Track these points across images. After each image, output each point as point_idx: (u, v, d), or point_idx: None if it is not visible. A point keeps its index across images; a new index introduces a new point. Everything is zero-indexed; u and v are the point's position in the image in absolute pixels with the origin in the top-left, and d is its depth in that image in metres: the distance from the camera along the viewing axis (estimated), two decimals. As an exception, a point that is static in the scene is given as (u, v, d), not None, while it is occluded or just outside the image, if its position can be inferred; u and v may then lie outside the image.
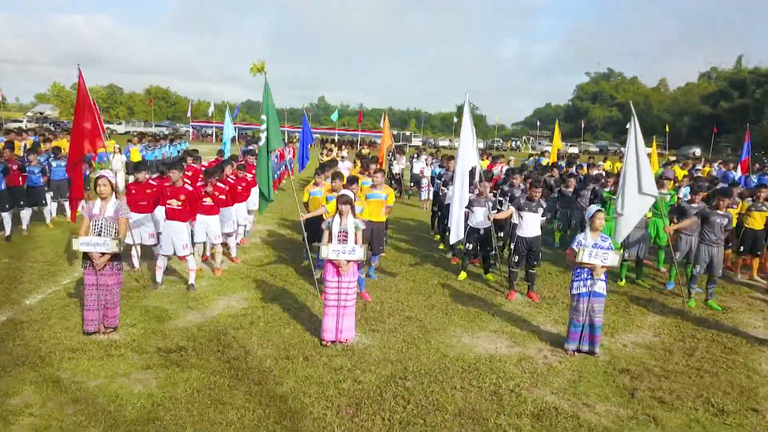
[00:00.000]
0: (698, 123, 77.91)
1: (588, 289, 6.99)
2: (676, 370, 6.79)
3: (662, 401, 5.97)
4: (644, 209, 9.37)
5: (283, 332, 7.27)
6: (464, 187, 8.74)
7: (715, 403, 5.98)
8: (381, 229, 9.71)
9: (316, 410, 5.39)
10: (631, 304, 9.27)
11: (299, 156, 20.28)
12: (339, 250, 6.79)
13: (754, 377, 6.70)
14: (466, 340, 7.40)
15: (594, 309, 7.00)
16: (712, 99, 78.26)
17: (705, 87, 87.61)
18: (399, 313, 8.19)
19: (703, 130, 71.68)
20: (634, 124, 9.15)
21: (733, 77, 78.95)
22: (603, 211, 7.18)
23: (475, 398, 5.81)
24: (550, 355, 7.08)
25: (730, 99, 75.76)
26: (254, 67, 8.04)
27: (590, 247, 6.99)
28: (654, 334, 7.98)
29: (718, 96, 77.50)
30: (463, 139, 8.79)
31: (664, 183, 11.42)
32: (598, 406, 5.82)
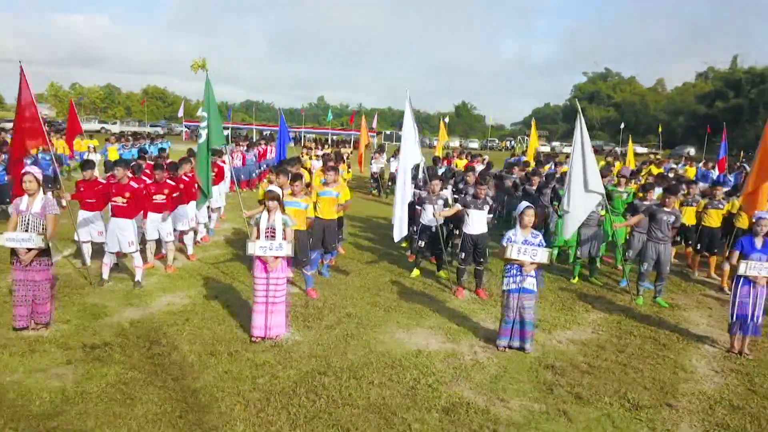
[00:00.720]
0: (693, 123, 77.80)
1: (518, 285, 7.01)
2: (603, 366, 6.80)
3: (579, 396, 5.98)
4: (590, 207, 9.39)
5: (215, 329, 7.29)
6: (406, 185, 8.76)
7: (631, 398, 6.00)
8: (333, 227, 9.72)
9: (225, 405, 5.42)
10: (579, 301, 9.29)
11: (277, 155, 20.30)
12: (266, 247, 6.81)
13: (680, 373, 6.71)
14: (399, 336, 7.42)
15: (524, 305, 7.02)
16: (708, 99, 78.15)
17: (701, 87, 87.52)
18: (340, 310, 8.20)
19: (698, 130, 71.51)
20: (581, 122, 9.17)
21: (728, 77, 78.84)
22: (532, 207, 7.20)
23: (390, 393, 5.82)
24: (481, 351, 7.10)
25: (726, 99, 75.63)
26: (195, 64, 8.06)
27: (520, 244, 7.00)
28: (592, 331, 7.99)
29: (714, 96, 77.40)
30: (405, 137, 8.81)
31: (621, 181, 11.47)
32: (514, 401, 5.84)
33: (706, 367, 6.97)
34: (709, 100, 78.29)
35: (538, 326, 7.88)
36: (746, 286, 7.26)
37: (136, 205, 8.82)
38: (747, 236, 7.46)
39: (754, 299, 7.22)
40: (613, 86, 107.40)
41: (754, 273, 7.18)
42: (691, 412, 5.80)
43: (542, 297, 9.37)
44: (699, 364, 7.07)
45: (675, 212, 9.23)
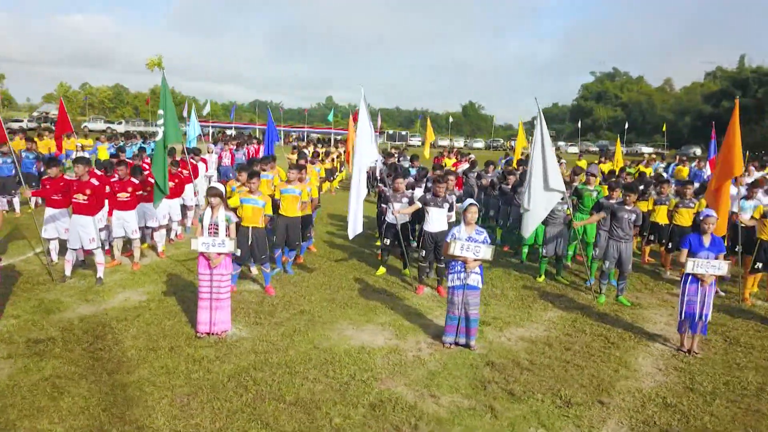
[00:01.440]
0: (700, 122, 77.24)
1: (462, 282, 7.02)
2: (544, 363, 6.80)
3: (511, 393, 5.99)
4: (551, 205, 9.39)
5: (164, 324, 7.36)
6: (360, 183, 8.78)
7: (563, 395, 6.00)
8: (296, 225, 9.77)
9: (153, 399, 5.48)
10: (540, 299, 9.28)
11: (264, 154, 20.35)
12: (209, 243, 6.87)
13: (621, 371, 6.70)
14: (348, 332, 7.46)
15: (469, 302, 7.03)
16: (714, 98, 77.55)
17: (709, 86, 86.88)
18: (294, 307, 8.25)
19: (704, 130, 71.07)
20: (540, 122, 9.16)
21: (735, 77, 78.24)
22: (476, 205, 7.21)
23: (322, 388, 5.86)
24: (426, 348, 7.12)
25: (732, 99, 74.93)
26: (151, 62, 8.17)
27: (464, 240, 7.02)
28: (545, 329, 7.99)
29: (720, 95, 76.79)
30: (360, 135, 8.83)
31: (590, 179, 11.44)
32: (445, 397, 5.86)
33: (650, 365, 6.95)
34: (715, 100, 77.69)
35: (491, 323, 7.91)
36: (694, 285, 7.24)
37: (97, 202, 8.90)
38: (695, 234, 7.43)
39: (701, 297, 7.19)
40: (620, 86, 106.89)
41: (701, 271, 7.15)
42: (621, 410, 5.79)
43: (503, 295, 9.41)
44: (644, 362, 7.05)
45: (636, 210, 9.20)
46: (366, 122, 8.84)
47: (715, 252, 7.21)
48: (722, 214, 9.42)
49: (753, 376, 6.71)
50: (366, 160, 8.90)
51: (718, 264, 7.15)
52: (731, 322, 8.63)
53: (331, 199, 19.33)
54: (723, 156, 9.39)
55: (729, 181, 9.39)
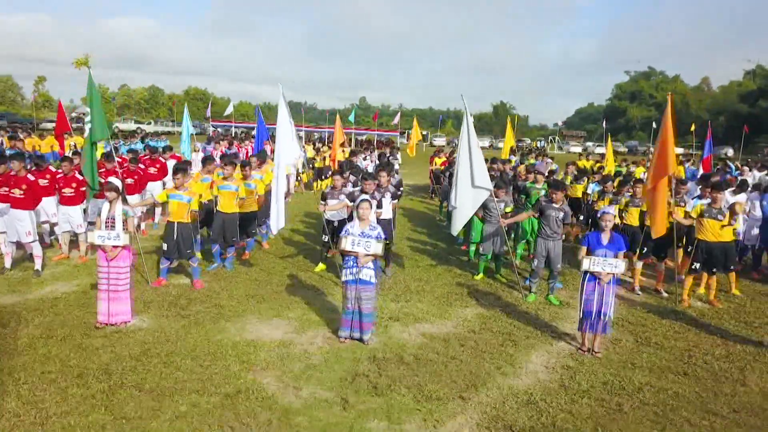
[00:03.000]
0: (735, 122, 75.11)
1: (354, 276, 7.09)
2: (429, 359, 6.83)
3: (375, 387, 6.05)
4: (478, 203, 9.36)
5: (72, 315, 7.62)
6: (280, 180, 8.88)
7: (427, 390, 6.03)
8: (233, 221, 9.96)
9: (17, 384, 5.70)
10: (466, 297, 9.27)
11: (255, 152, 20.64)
12: (104, 236, 7.09)
13: (504, 368, 6.69)
14: (249, 326, 7.60)
15: (361, 297, 7.10)
16: (751, 98, 75.27)
17: (747, 85, 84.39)
18: (211, 301, 8.42)
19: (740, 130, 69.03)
20: (467, 120, 9.15)
21: (773, 75, 75.78)
22: (369, 201, 7.27)
23: (187, 378, 6.01)
24: (321, 342, 7.21)
25: (772, 98, 72.74)
26: (78, 62, 8.43)
27: (356, 236, 7.08)
28: (454, 326, 7.99)
29: (757, 94, 74.53)
30: (280, 133, 8.94)
31: (537, 177, 11.36)
32: (307, 389, 5.95)
33: (540, 363, 6.90)
34: (752, 99, 75.42)
35: (400, 319, 7.96)
36: (591, 283, 7.17)
37: (33, 197, 9.23)
38: (594, 232, 7.35)
39: (599, 296, 7.11)
40: (655, 85, 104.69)
41: (597, 269, 7.08)
42: (479, 405, 5.79)
43: (430, 291, 9.42)
44: (536, 360, 7.00)
45: (564, 209, 9.12)
46: (286, 120, 8.95)
47: (613, 250, 7.13)
48: (659, 214, 9.27)
49: (640, 376, 6.62)
50: (286, 158, 9.00)
51: (615, 262, 7.07)
52: (654, 322, 8.49)
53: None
54: (658, 155, 9.22)
55: (665, 180, 9.20)
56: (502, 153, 20.51)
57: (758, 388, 6.44)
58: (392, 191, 10.05)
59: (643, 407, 5.88)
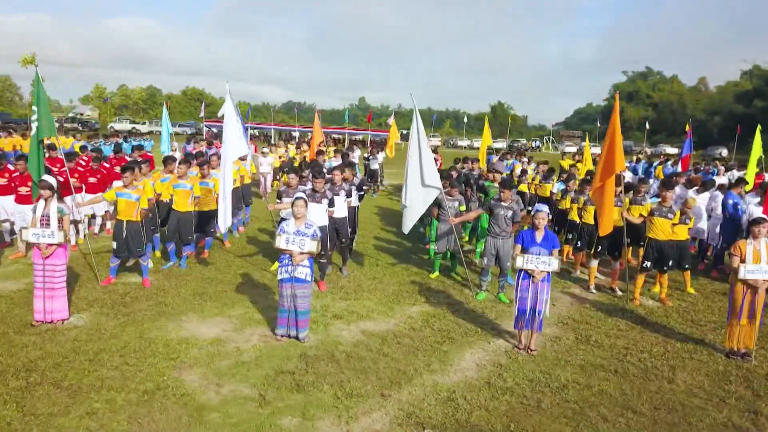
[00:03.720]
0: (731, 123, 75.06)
1: (290, 275, 7.10)
2: (361, 355, 6.85)
3: (298, 384, 6.06)
4: (428, 201, 9.39)
5: (11, 312, 7.65)
6: (226, 177, 8.89)
7: (350, 387, 6.04)
8: (188, 219, 9.98)
9: (-64, 380, 5.71)
10: (416, 295, 9.28)
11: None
12: (39, 234, 7.11)
13: (434, 365, 6.71)
14: (188, 324, 7.61)
15: (296, 295, 7.11)
16: (746, 98, 75.18)
17: (743, 86, 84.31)
18: (156, 299, 8.44)
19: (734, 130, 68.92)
20: (416, 119, 9.17)
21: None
22: (303, 199, 7.28)
23: (110, 375, 6.03)
24: (256, 340, 7.22)
25: (765, 98, 72.68)
26: (24, 60, 8.52)
27: (291, 234, 7.10)
28: (396, 323, 8.01)
29: (753, 95, 74.44)
30: (227, 130, 8.96)
31: (495, 176, 11.37)
32: (229, 386, 5.96)
33: (472, 361, 6.91)
34: (747, 100, 75.34)
35: (343, 317, 7.97)
36: (526, 280, 7.17)
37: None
38: (528, 230, 7.36)
39: (534, 294, 7.12)
40: (652, 85, 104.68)
41: (530, 267, 7.09)
42: (398, 402, 5.80)
43: (381, 289, 9.44)
44: (469, 357, 7.01)
45: (512, 207, 9.14)
46: (233, 117, 8.97)
47: (547, 248, 7.14)
48: (607, 212, 9.27)
49: (569, 373, 6.62)
50: (233, 155, 9.02)
51: (548, 260, 7.07)
52: (600, 320, 8.50)
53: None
54: (606, 153, 9.22)
55: (613, 178, 9.20)
56: (479, 153, 20.50)
57: (685, 385, 6.44)
58: (347, 189, 10.06)
59: (562, 404, 5.88)
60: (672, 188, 9.40)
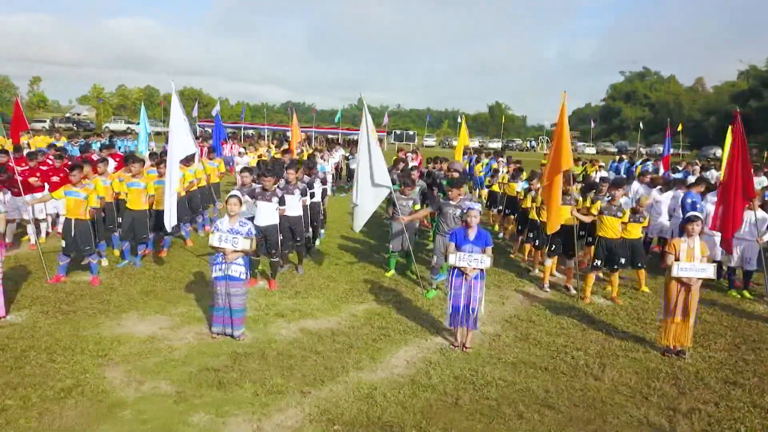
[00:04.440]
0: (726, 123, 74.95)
1: (223, 273, 7.12)
2: (292, 354, 6.86)
3: (221, 382, 6.07)
4: (379, 200, 9.41)
5: (-50, 310, 7.63)
6: (173, 175, 8.90)
7: (271, 384, 6.05)
8: (142, 218, 10.00)
9: None
10: (365, 293, 9.29)
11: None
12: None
13: (364, 362, 6.72)
14: (126, 321, 7.63)
15: (230, 293, 7.13)
16: (742, 98, 75.08)
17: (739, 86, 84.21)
18: (99, 297, 8.46)
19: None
20: (365, 118, 9.18)
21: (764, 75, 75.54)
22: (237, 197, 7.30)
23: (27, 371, 6.04)
24: (192, 338, 7.24)
25: (760, 98, 72.62)
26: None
27: (224, 232, 7.11)
28: (338, 322, 8.03)
29: (748, 95, 74.36)
30: (174, 129, 8.98)
31: (453, 175, 11.36)
32: (150, 383, 5.98)
33: (404, 358, 6.91)
34: (742, 100, 75.23)
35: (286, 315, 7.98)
36: (459, 278, 7.18)
37: None
38: (461, 228, 7.36)
39: (466, 291, 7.12)
40: (650, 85, 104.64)
41: (463, 264, 7.09)
42: (317, 399, 5.81)
43: (330, 287, 9.45)
44: (402, 355, 7.01)
45: (461, 205, 9.13)
46: (180, 116, 8.98)
47: (480, 246, 7.14)
48: (554, 210, 9.28)
49: (498, 371, 6.63)
50: (180, 153, 9.02)
51: (480, 258, 7.08)
52: (545, 318, 8.51)
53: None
54: (554, 151, 9.23)
55: (560, 176, 9.21)
56: (455, 153, 20.44)
57: (611, 382, 6.45)
58: (302, 188, 10.06)
59: (481, 401, 5.89)
60: (621, 187, 9.41)
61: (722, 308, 9.34)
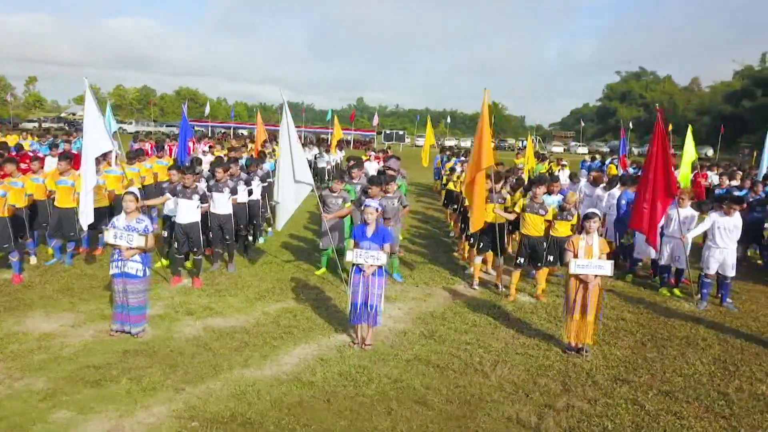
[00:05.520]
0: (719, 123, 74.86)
1: (120, 270, 7.10)
2: (183, 351, 6.84)
3: (99, 379, 6.05)
4: (301, 197, 9.37)
5: None
6: (88, 173, 8.86)
7: (147, 382, 6.03)
8: (70, 215, 9.97)
9: None
10: (287, 291, 9.29)
11: (179, 150, 20.63)
12: None
13: (253, 360, 6.69)
14: (30, 319, 7.62)
15: (128, 290, 7.11)
16: (735, 98, 74.96)
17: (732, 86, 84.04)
18: (14, 294, 8.47)
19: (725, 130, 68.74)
20: (286, 116, 9.16)
21: (757, 75, 75.38)
22: (134, 194, 7.28)
23: None
24: (89, 335, 7.22)
25: (753, 98, 72.50)
26: None
27: (120, 229, 7.09)
28: (246, 320, 8.00)
29: (741, 95, 74.22)
30: (88, 126, 8.94)
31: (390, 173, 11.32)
32: (26, 380, 5.96)
33: (298, 356, 6.89)
34: (735, 100, 75.13)
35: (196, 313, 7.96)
36: (358, 275, 7.15)
37: None
38: (360, 225, 7.33)
39: (365, 288, 7.09)
40: (645, 85, 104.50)
41: (360, 261, 7.06)
42: (190, 395, 5.79)
43: (253, 287, 9.41)
44: (298, 352, 6.99)
45: (382, 203, 9.10)
46: (95, 114, 8.95)
47: (378, 243, 7.10)
48: (477, 207, 9.25)
49: (388, 368, 6.61)
50: (94, 150, 8.99)
51: (377, 255, 7.05)
52: (459, 316, 8.48)
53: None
54: (476, 150, 9.20)
55: (483, 174, 9.18)
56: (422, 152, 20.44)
57: (498, 380, 6.42)
58: (231, 186, 10.03)
59: (356, 398, 5.87)
60: (542, 185, 9.35)
61: (646, 306, 9.29)
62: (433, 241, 13.64)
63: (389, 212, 9.50)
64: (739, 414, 5.89)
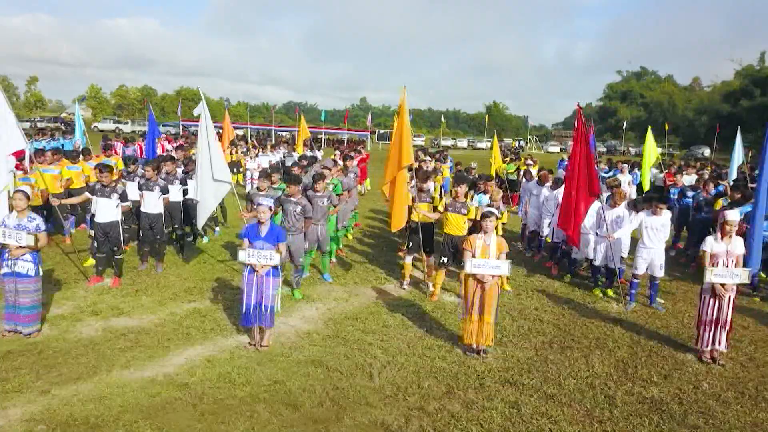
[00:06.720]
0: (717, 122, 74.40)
1: (11, 269, 7.00)
2: (68, 350, 6.74)
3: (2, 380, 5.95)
4: (221, 195, 9.26)
5: None
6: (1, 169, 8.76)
7: (13, 383, 5.93)
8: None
9: None
10: (208, 291, 9.16)
11: (146, 150, 20.59)
12: None
13: (137, 361, 6.58)
14: None
15: (18, 290, 7.03)
16: (733, 97, 74.46)
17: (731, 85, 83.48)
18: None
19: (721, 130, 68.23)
20: (204, 115, 9.05)
21: (755, 75, 74.84)
22: (25, 192, 7.17)
23: None
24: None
25: (752, 97, 71.98)
26: None
27: (10, 228, 7.00)
28: (150, 320, 7.89)
29: (739, 94, 73.71)
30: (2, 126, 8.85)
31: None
32: None
33: (187, 357, 6.76)
34: (734, 99, 74.62)
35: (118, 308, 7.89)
36: (251, 275, 7.03)
37: None
38: (254, 224, 7.20)
39: (258, 288, 6.97)
40: (646, 85, 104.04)
41: (253, 261, 6.94)
42: (54, 397, 5.68)
43: (172, 287, 9.30)
44: (189, 354, 6.84)
45: (301, 202, 8.99)
46: (5, 109, 8.84)
47: (271, 242, 6.98)
48: (398, 206, 9.13)
49: (275, 369, 6.50)
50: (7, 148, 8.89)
51: (270, 254, 6.92)
52: (374, 316, 8.35)
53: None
54: (392, 150, 9.07)
55: (404, 173, 9.04)
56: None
57: (381, 382, 6.30)
58: (162, 185, 9.91)
59: (225, 401, 5.75)
60: (463, 183, 9.21)
61: (572, 307, 9.13)
62: (383, 241, 13.48)
63: (318, 211, 9.36)
64: (618, 418, 5.73)
